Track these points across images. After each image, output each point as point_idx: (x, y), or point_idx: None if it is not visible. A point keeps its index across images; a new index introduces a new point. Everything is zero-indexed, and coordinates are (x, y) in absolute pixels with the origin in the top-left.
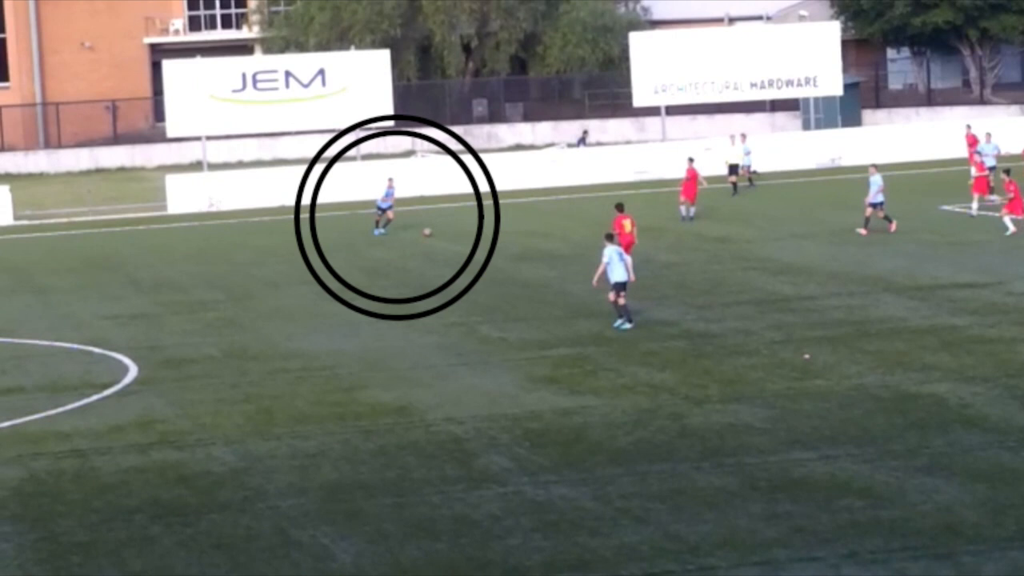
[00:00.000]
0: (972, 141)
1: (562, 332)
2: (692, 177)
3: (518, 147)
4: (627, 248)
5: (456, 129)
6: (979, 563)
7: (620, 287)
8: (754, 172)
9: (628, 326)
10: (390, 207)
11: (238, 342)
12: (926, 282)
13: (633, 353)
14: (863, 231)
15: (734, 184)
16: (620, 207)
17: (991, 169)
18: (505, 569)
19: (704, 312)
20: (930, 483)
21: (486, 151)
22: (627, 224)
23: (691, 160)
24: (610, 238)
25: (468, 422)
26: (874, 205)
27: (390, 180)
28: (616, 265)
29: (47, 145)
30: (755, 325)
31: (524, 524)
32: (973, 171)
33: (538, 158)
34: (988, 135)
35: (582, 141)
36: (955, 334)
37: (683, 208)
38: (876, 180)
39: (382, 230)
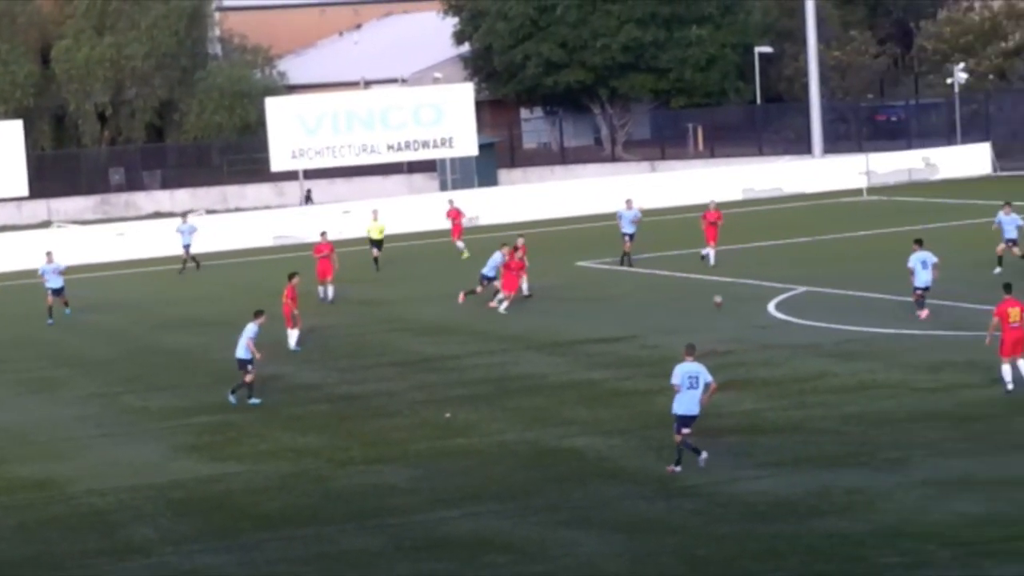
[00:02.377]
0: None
1: (206, 399)
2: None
3: (156, 214)
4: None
5: (93, 198)
6: None
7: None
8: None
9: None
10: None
11: None
12: (565, 338)
13: (277, 418)
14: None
15: (376, 259)
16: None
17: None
18: None
19: (347, 375)
20: (571, 536)
21: (124, 219)
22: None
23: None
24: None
25: (111, 493)
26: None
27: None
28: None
29: None
30: (398, 386)
31: None
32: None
33: (177, 225)
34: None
35: (308, 199)
36: (593, 388)
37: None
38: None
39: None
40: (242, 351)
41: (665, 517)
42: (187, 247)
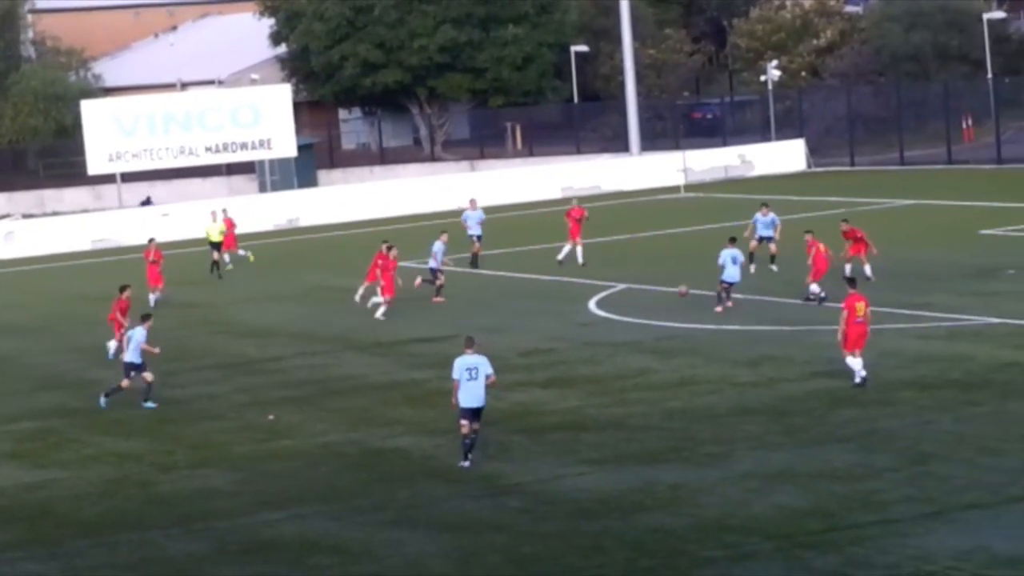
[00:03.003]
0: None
1: (25, 405)
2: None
3: None
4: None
5: None
6: None
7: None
8: None
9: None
10: None
11: None
12: (387, 339)
13: (99, 423)
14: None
15: (216, 262)
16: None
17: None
18: None
19: (170, 378)
20: (398, 536)
21: None
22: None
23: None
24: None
25: None
26: None
27: None
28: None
29: None
30: (221, 389)
31: None
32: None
33: None
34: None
35: (147, 202)
36: (416, 388)
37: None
38: None
39: None
40: (133, 355)
41: (491, 516)
42: None
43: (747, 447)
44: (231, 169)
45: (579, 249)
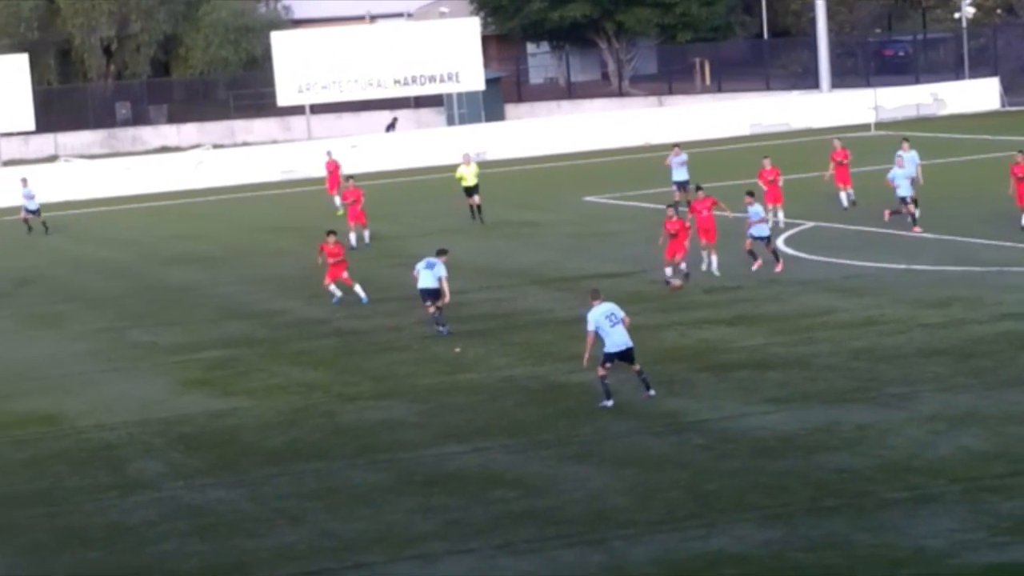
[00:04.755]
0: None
1: (213, 334)
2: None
3: (163, 149)
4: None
5: (100, 133)
6: (629, 547)
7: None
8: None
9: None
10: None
11: None
12: (572, 273)
13: (285, 353)
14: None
15: (476, 207)
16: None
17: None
18: (161, 574)
19: (354, 309)
20: (580, 471)
21: (131, 154)
22: None
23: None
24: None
25: (120, 428)
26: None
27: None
28: (424, 273)
29: None
30: (405, 321)
31: (180, 528)
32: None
33: (184, 160)
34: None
35: (391, 127)
36: None
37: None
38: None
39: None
40: (430, 282)
41: (674, 452)
42: (33, 211)
43: (933, 389)
44: (419, 102)
45: (843, 194)
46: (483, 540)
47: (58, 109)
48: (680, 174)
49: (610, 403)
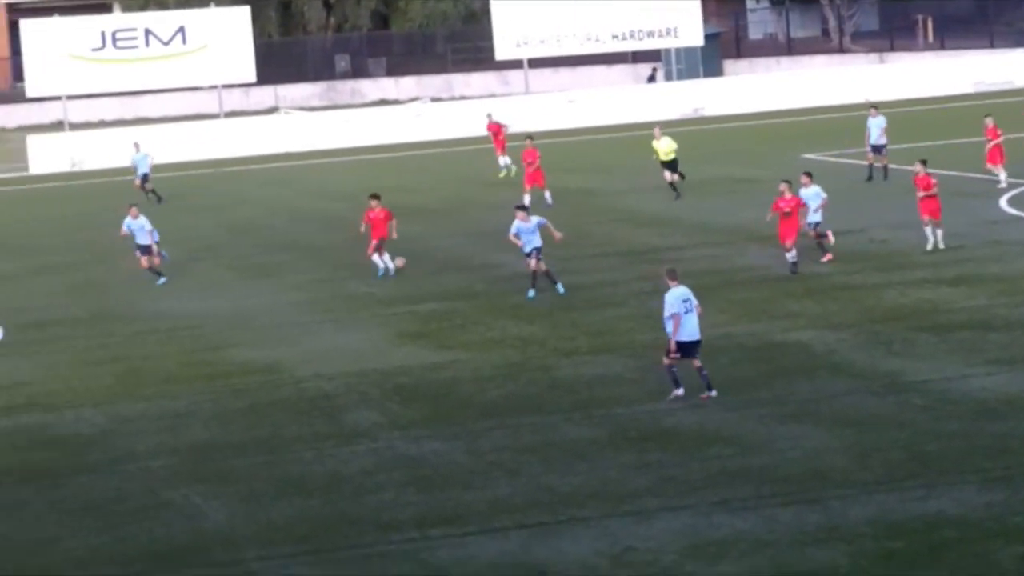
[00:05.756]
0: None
1: (430, 287)
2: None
3: (382, 102)
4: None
5: (319, 85)
6: (846, 507)
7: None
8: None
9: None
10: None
11: (104, 303)
12: None
13: (501, 307)
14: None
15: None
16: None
17: None
18: (378, 524)
19: (571, 264)
20: (797, 430)
21: (350, 106)
22: None
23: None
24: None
25: (338, 378)
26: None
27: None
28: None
29: None
30: (622, 276)
31: (396, 479)
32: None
33: (402, 113)
34: None
35: (652, 78)
36: (819, 281)
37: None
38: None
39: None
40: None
41: (893, 412)
42: (144, 176)
43: None
44: (636, 57)
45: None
46: (698, 497)
47: (278, 62)
48: (878, 136)
49: (681, 391)
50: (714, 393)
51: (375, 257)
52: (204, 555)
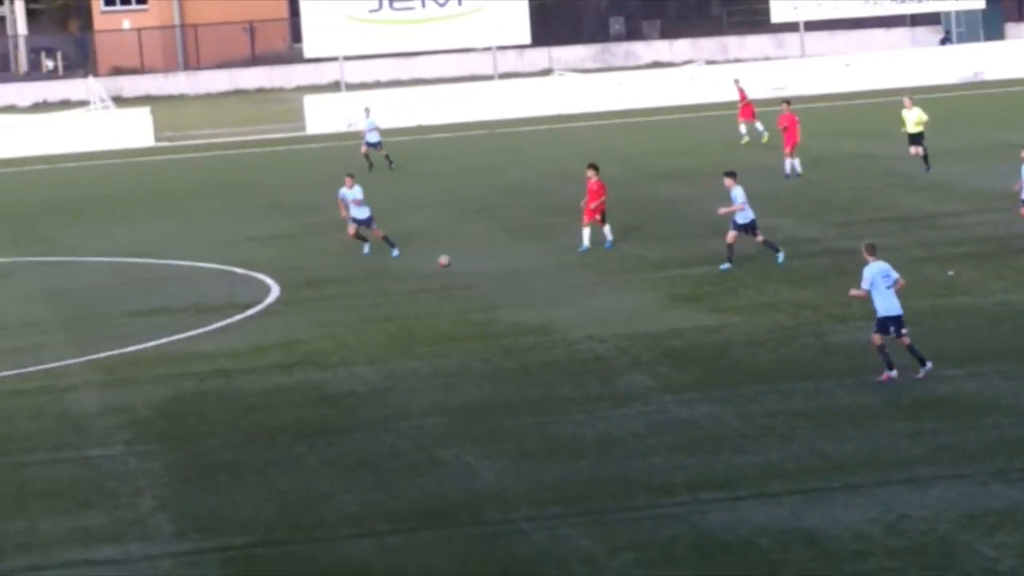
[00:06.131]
0: None
1: (703, 250)
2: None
3: (655, 64)
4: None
5: (593, 47)
6: None
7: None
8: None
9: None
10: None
11: (379, 262)
12: None
13: (774, 271)
14: None
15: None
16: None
17: None
18: (649, 487)
19: (846, 229)
20: None
21: (624, 69)
22: None
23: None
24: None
25: (610, 340)
26: None
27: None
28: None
29: (187, 67)
30: (898, 242)
31: (668, 442)
32: None
33: (676, 75)
34: None
35: (945, 40)
36: None
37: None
38: None
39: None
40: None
41: None
42: (373, 144)
43: None
44: (915, 20)
45: None
46: (975, 466)
47: (553, 23)
48: None
49: (894, 373)
50: (930, 366)
51: (585, 230)
52: (475, 514)
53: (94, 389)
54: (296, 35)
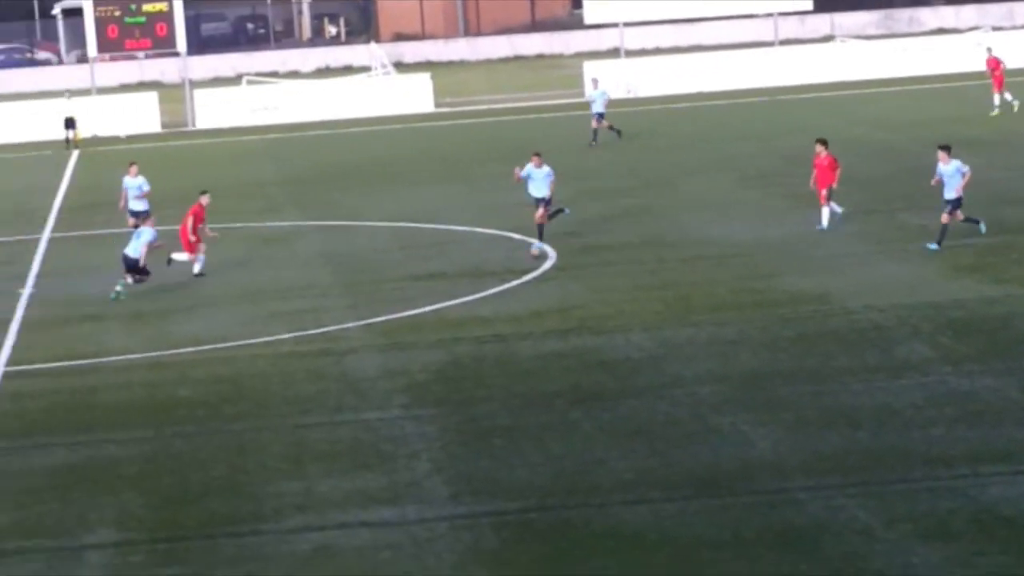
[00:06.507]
0: None
1: (986, 219)
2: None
3: (940, 31)
4: None
5: (876, 13)
6: None
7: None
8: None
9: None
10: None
11: (655, 229)
12: None
13: None
14: None
15: None
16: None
17: None
18: (928, 458)
19: None
20: None
21: (908, 35)
22: None
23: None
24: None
25: (889, 310)
26: None
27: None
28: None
29: (467, 33)
30: None
31: (947, 414)
32: None
33: (961, 42)
34: None
35: None
36: None
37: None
38: None
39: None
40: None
41: None
42: (599, 116)
43: None
44: None
45: None
46: None
47: None
48: None
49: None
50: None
51: (824, 208)
52: (749, 483)
53: (372, 352)
54: (576, 1)
